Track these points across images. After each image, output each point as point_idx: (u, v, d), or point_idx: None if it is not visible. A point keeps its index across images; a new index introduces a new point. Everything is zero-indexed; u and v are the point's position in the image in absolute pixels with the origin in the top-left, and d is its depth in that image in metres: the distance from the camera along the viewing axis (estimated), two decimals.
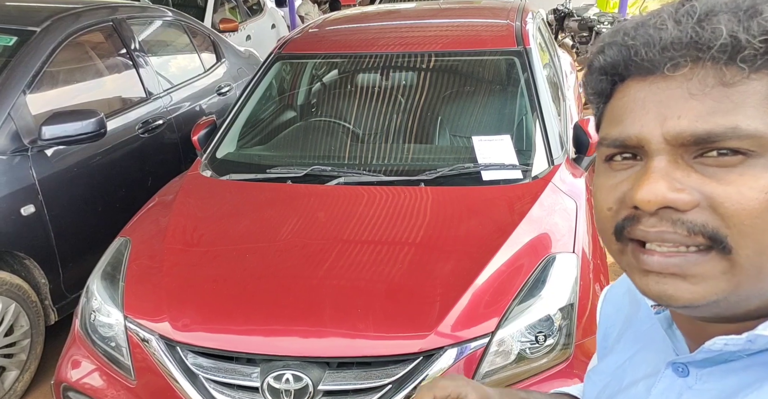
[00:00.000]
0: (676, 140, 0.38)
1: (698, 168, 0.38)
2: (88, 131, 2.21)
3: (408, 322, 1.46)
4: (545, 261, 1.61)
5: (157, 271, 1.59)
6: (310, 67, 2.71)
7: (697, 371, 0.43)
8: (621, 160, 0.42)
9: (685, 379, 0.44)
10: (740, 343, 0.39)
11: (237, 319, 1.48)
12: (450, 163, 2.02)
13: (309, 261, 1.62)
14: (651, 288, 0.40)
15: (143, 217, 1.92)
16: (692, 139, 0.37)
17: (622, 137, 0.41)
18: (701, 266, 0.38)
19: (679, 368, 0.44)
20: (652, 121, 0.39)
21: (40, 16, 2.47)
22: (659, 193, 0.38)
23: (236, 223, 1.81)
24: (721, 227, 0.37)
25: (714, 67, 0.37)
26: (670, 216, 0.38)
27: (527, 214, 1.77)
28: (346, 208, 1.86)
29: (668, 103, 0.38)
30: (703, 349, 0.41)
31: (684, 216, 0.38)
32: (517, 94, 2.30)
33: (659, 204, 0.38)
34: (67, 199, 2.26)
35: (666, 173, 0.38)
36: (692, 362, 0.43)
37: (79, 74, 2.61)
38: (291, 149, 2.31)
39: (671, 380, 0.45)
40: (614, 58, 0.41)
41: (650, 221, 0.39)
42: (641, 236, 0.40)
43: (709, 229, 0.37)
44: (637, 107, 0.40)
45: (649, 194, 0.38)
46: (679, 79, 0.38)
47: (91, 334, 1.53)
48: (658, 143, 0.39)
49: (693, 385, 0.43)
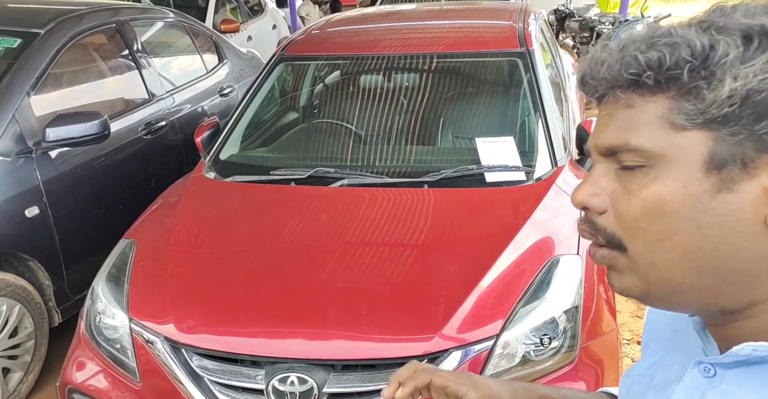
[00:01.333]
0: (598, 152, 0.45)
1: (620, 176, 0.44)
2: (91, 133, 2.22)
3: (412, 325, 1.46)
4: (549, 263, 1.61)
5: (162, 273, 1.60)
6: (313, 68, 2.72)
7: (723, 372, 0.45)
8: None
9: (711, 379, 0.46)
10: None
11: (242, 321, 1.48)
12: (453, 165, 2.02)
13: (313, 263, 1.62)
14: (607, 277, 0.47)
15: (147, 219, 1.92)
16: (605, 152, 0.44)
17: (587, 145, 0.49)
18: (613, 261, 0.45)
19: (706, 368, 0.46)
20: (594, 134, 0.47)
21: (44, 18, 2.48)
22: (580, 195, 0.45)
23: (240, 224, 1.81)
24: (617, 230, 0.44)
25: (624, 92, 0.43)
26: (590, 216, 0.46)
27: (531, 216, 1.77)
28: (349, 209, 1.86)
29: (599, 121, 0.46)
30: (731, 353, 0.43)
31: (595, 218, 0.45)
32: (519, 96, 2.30)
33: (579, 204, 0.46)
34: (71, 201, 2.26)
35: (595, 180, 0.45)
36: (720, 363, 0.45)
37: (82, 76, 2.62)
38: (294, 151, 2.31)
39: (697, 379, 0.47)
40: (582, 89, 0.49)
41: (582, 218, 0.47)
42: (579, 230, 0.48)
43: (609, 231, 0.44)
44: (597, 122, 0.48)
45: (575, 195, 0.46)
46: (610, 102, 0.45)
47: (96, 336, 1.54)
48: (594, 154, 0.46)
49: (718, 385, 0.45)
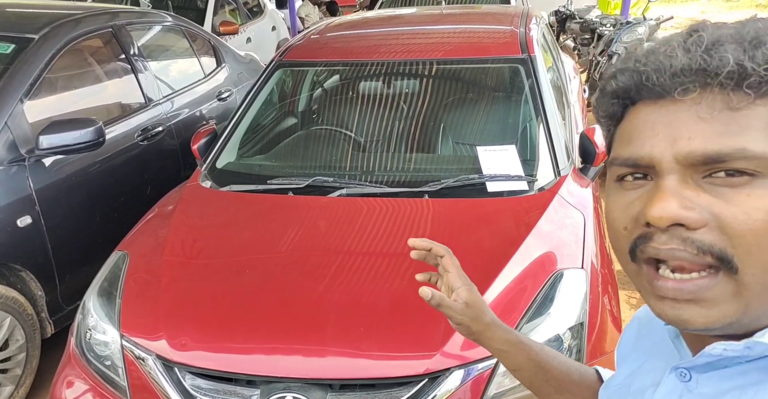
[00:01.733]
0: (686, 160, 0.40)
1: (707, 188, 0.40)
2: (86, 140, 2.18)
3: (413, 342, 1.42)
4: (553, 277, 1.57)
5: (155, 287, 1.56)
6: (312, 74, 2.68)
7: (698, 376, 0.45)
8: (632, 180, 0.44)
9: (686, 383, 0.45)
10: (738, 349, 0.40)
11: (237, 338, 1.44)
12: (454, 174, 1.98)
13: (311, 277, 1.58)
14: (667, 313, 0.42)
15: (141, 230, 1.88)
16: (702, 159, 0.39)
17: (634, 157, 0.43)
18: (712, 290, 0.40)
19: (682, 373, 0.46)
20: (663, 141, 0.41)
21: (39, 23, 2.44)
22: (671, 210, 0.40)
23: (237, 236, 1.77)
24: (728, 247, 0.39)
25: (721, 93, 0.39)
26: (680, 234, 0.40)
27: (534, 228, 1.73)
28: (348, 220, 1.82)
29: (678, 125, 0.40)
30: (704, 353, 0.42)
31: (693, 234, 0.40)
32: (521, 103, 2.26)
33: (671, 220, 0.40)
34: (64, 210, 2.22)
35: (677, 192, 0.40)
36: (694, 367, 0.45)
37: (77, 81, 2.57)
38: (292, 159, 2.27)
39: (674, 384, 0.46)
40: (626, 83, 0.44)
41: (662, 238, 0.41)
42: (653, 254, 0.42)
43: (717, 248, 0.39)
44: (648, 129, 0.42)
45: (661, 211, 0.40)
46: (688, 103, 0.40)
47: (87, 352, 1.49)
48: (669, 163, 0.40)
49: (693, 389, 0.45)
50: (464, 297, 0.69)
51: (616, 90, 0.45)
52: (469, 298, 0.69)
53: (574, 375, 0.69)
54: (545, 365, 0.69)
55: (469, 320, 0.69)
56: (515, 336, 0.70)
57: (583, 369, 0.71)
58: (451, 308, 0.69)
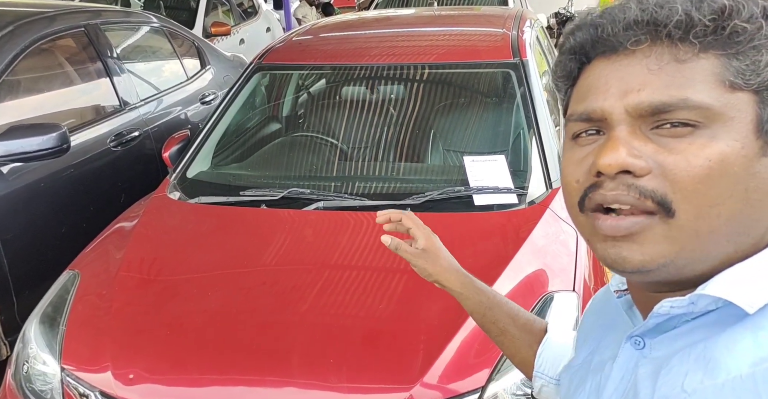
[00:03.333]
0: (635, 111, 0.42)
1: (654, 138, 0.42)
2: (48, 147, 2.04)
3: (388, 374, 1.29)
4: (543, 300, 1.45)
5: (105, 312, 1.42)
6: (292, 78, 2.54)
7: (650, 341, 0.46)
8: (586, 136, 0.46)
9: (641, 350, 0.46)
10: (684, 305, 0.42)
11: (192, 370, 1.30)
12: (439, 185, 1.85)
13: (279, 300, 1.45)
14: (608, 252, 0.44)
15: (97, 247, 1.74)
16: (650, 110, 0.42)
17: (588, 110, 0.45)
18: (648, 229, 0.42)
19: (636, 341, 0.47)
20: (615, 94, 0.43)
21: (2, 21, 2.30)
22: (620, 157, 0.42)
23: (201, 254, 1.63)
24: (669, 193, 0.41)
25: (669, 45, 0.41)
26: (626, 180, 0.42)
27: (523, 246, 1.60)
28: (324, 237, 1.69)
29: (629, 78, 0.43)
30: (653, 314, 0.44)
31: (638, 181, 0.42)
32: (512, 110, 2.13)
33: (619, 167, 0.42)
34: (24, 221, 2.08)
35: (626, 141, 0.42)
36: (646, 332, 0.46)
37: (44, 84, 2.44)
38: (269, 168, 2.14)
39: (630, 353, 0.47)
40: (583, 37, 0.46)
41: (609, 185, 0.43)
42: (600, 199, 0.44)
43: (659, 194, 0.41)
44: (601, 83, 0.44)
45: (610, 159, 0.42)
46: (639, 56, 0.42)
47: (25, 386, 1.35)
48: (619, 114, 0.43)
49: (648, 354, 0.46)
50: (422, 244, 0.79)
51: (573, 46, 0.47)
52: (425, 244, 0.79)
53: (519, 319, 0.77)
54: (494, 308, 0.77)
55: (425, 263, 0.79)
56: (470, 280, 0.79)
57: (530, 317, 0.78)
58: (407, 252, 0.80)
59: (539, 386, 0.74)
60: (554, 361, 0.72)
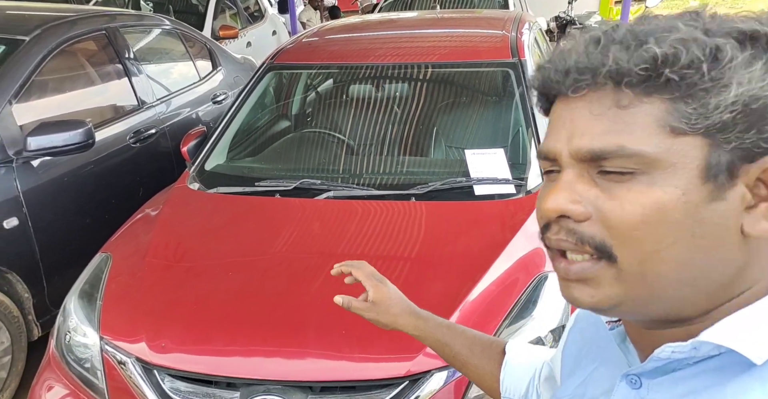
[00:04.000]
0: (578, 156, 0.42)
1: (599, 182, 0.42)
2: (75, 142, 2.18)
3: (394, 344, 1.41)
4: (537, 280, 1.57)
5: (137, 289, 1.55)
6: (303, 77, 2.68)
7: (648, 382, 0.44)
8: (551, 174, 0.47)
9: (638, 390, 0.45)
10: (686, 350, 0.41)
11: (217, 341, 1.43)
12: (442, 177, 1.98)
13: (294, 280, 1.58)
14: (564, 292, 0.45)
15: (126, 232, 1.88)
16: (590, 156, 0.41)
17: (544, 150, 0.45)
18: (595, 274, 0.42)
19: (632, 380, 0.45)
20: (564, 137, 0.43)
21: (30, 25, 2.45)
22: (558, 203, 0.42)
23: (221, 239, 1.76)
24: (607, 238, 0.41)
25: (612, 91, 0.40)
26: (567, 225, 0.43)
27: (520, 231, 1.72)
28: (334, 223, 1.82)
29: (576, 122, 0.42)
30: (653, 357, 0.43)
31: (577, 226, 0.42)
32: (511, 107, 2.26)
33: (557, 213, 0.43)
34: (53, 212, 2.22)
35: (569, 186, 0.42)
36: (644, 373, 0.45)
37: (69, 84, 2.58)
38: (281, 161, 2.27)
39: (625, 392, 0.46)
40: (539, 80, 0.46)
41: (554, 228, 0.43)
42: (546, 242, 0.45)
43: (597, 240, 0.41)
44: (558, 124, 0.44)
45: (550, 203, 0.43)
46: (586, 101, 0.42)
47: (66, 355, 1.48)
48: (566, 157, 0.43)
49: (645, 395, 0.45)
50: (371, 296, 0.80)
51: (537, 87, 0.47)
52: (374, 296, 0.80)
53: (476, 349, 0.77)
54: (451, 343, 0.77)
55: (377, 315, 0.79)
56: (424, 320, 0.79)
57: (489, 343, 0.78)
58: (359, 309, 0.80)
59: None
60: (518, 382, 0.72)
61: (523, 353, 0.74)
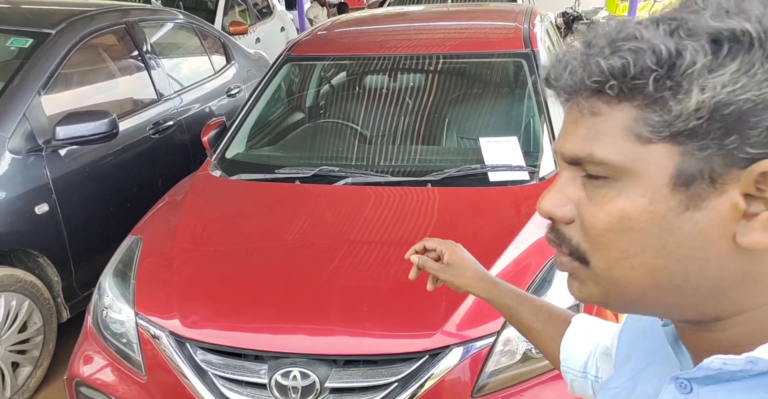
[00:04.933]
0: (563, 159, 0.43)
1: (586, 186, 0.42)
2: (100, 132, 2.25)
3: (414, 321, 1.47)
4: (551, 261, 1.62)
5: (168, 268, 1.62)
6: (319, 68, 2.74)
7: (699, 388, 0.43)
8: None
9: (687, 395, 0.44)
10: (740, 364, 0.39)
11: (245, 316, 1.50)
12: (457, 164, 2.03)
13: (316, 260, 1.64)
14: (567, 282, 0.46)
15: (154, 216, 1.95)
16: (569, 160, 0.42)
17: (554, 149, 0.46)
18: (576, 271, 0.43)
19: (682, 384, 0.44)
20: (561, 138, 0.44)
21: (56, 19, 2.52)
22: (547, 205, 0.44)
23: (245, 222, 1.83)
24: (582, 242, 0.42)
25: (588, 98, 0.40)
26: (556, 225, 0.44)
27: (534, 216, 1.77)
28: (353, 208, 1.88)
29: (566, 125, 0.43)
30: (702, 366, 0.41)
31: (562, 228, 0.43)
32: (524, 96, 2.31)
33: (545, 214, 0.44)
34: (79, 199, 2.29)
35: (561, 188, 0.43)
36: (694, 379, 0.43)
37: (92, 76, 2.65)
38: (299, 150, 2.33)
39: (673, 396, 0.45)
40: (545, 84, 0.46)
41: (550, 227, 0.45)
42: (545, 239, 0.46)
43: (573, 243, 0.42)
44: (564, 125, 0.45)
45: (541, 204, 0.44)
46: (573, 106, 0.43)
47: (103, 330, 1.56)
48: (561, 160, 0.44)
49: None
50: (447, 258, 0.83)
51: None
52: (451, 258, 0.83)
53: (542, 315, 0.78)
54: (518, 308, 0.79)
55: (452, 277, 0.83)
56: (495, 285, 0.82)
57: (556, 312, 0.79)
58: (433, 268, 0.84)
59: (570, 381, 0.74)
60: (578, 352, 0.72)
61: (588, 325, 0.73)
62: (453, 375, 1.39)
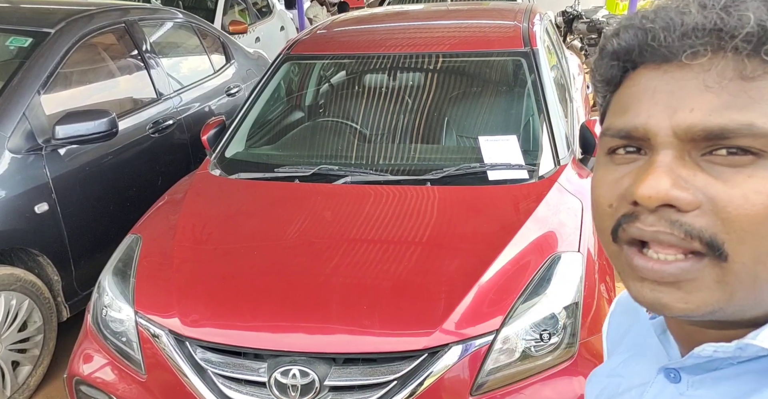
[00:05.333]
0: (686, 134, 0.36)
1: (705, 167, 0.36)
2: (100, 131, 2.25)
3: (413, 319, 1.48)
4: (551, 260, 1.62)
5: (167, 267, 1.62)
6: (318, 67, 2.74)
7: (689, 378, 0.42)
8: (624, 154, 0.40)
9: (676, 385, 0.43)
10: (729, 351, 0.38)
11: (245, 315, 1.50)
12: (456, 163, 2.03)
13: (316, 258, 1.64)
14: (646, 296, 0.39)
15: (154, 215, 1.95)
16: (703, 134, 0.35)
17: (628, 127, 0.39)
18: (696, 275, 0.36)
19: (670, 374, 0.43)
20: (662, 112, 0.37)
21: (55, 18, 2.52)
22: (662, 189, 0.35)
23: (244, 221, 1.83)
24: (720, 233, 0.35)
25: (735, 59, 0.35)
26: (669, 216, 0.36)
27: (533, 214, 1.78)
28: (352, 206, 1.88)
29: (681, 94, 0.36)
30: (693, 354, 0.40)
31: (683, 217, 0.36)
32: (524, 95, 2.31)
33: (660, 201, 0.36)
34: (79, 198, 2.30)
35: (671, 169, 0.36)
36: (684, 368, 0.42)
37: (92, 75, 2.66)
38: (299, 149, 2.34)
39: (663, 386, 0.44)
40: (629, 42, 0.39)
41: (649, 219, 0.37)
42: (637, 235, 0.38)
43: (707, 234, 0.35)
44: (647, 97, 0.38)
45: (650, 189, 0.36)
46: (696, 70, 0.36)
47: (103, 329, 1.56)
48: (665, 136, 0.36)
49: (684, 391, 0.42)
50: None
51: (617, 50, 0.40)
52: None
53: None
54: None
55: None
56: None
57: None
58: None
59: None
60: None
61: None
62: (452, 373, 1.39)
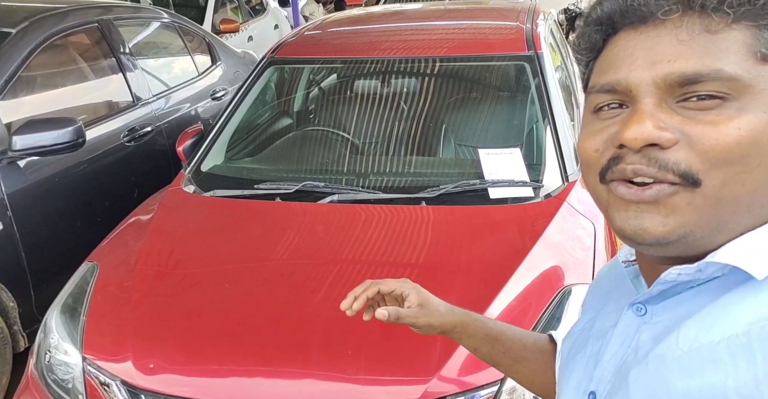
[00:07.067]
0: (664, 82, 0.41)
1: (680, 111, 0.41)
2: (64, 141, 2.06)
3: (405, 365, 1.29)
4: (561, 294, 1.44)
5: (125, 302, 1.43)
6: (306, 72, 2.54)
7: (652, 308, 0.46)
8: (608, 110, 0.46)
9: (642, 317, 0.47)
10: (691, 272, 0.42)
11: (211, 361, 1.31)
12: (454, 179, 1.85)
13: (296, 292, 1.45)
14: (630, 222, 0.43)
15: (115, 239, 1.75)
16: (680, 80, 0.41)
17: (612, 81, 0.44)
18: (671, 197, 0.41)
19: (638, 308, 0.47)
20: (642, 65, 0.42)
21: (17, 17, 2.32)
22: (645, 131, 0.41)
23: (217, 247, 1.64)
24: (695, 163, 0.40)
25: (701, 15, 0.41)
26: (650, 153, 0.42)
27: (540, 239, 1.59)
28: (339, 229, 1.69)
29: (658, 48, 0.42)
30: (659, 281, 0.44)
31: (662, 154, 0.41)
32: (527, 103, 2.12)
33: (645, 141, 0.41)
34: (41, 215, 2.10)
35: (652, 114, 0.42)
36: (649, 299, 0.46)
37: (59, 79, 2.46)
38: (282, 162, 2.14)
39: (631, 320, 0.48)
40: (611, 7, 0.45)
41: (632, 158, 0.42)
42: (621, 174, 0.43)
43: (682, 165, 0.41)
44: (627, 54, 0.44)
45: (635, 132, 0.41)
46: (668, 27, 0.42)
47: (47, 376, 1.36)
48: (646, 86, 0.42)
49: (649, 320, 0.46)
50: (414, 300, 0.72)
51: (600, 16, 0.46)
52: (419, 298, 0.72)
53: (527, 341, 0.73)
54: (500, 338, 0.72)
55: (429, 318, 0.71)
56: (468, 315, 0.73)
57: (536, 335, 0.75)
58: (409, 316, 0.71)
59: None
60: None
61: None
62: None
